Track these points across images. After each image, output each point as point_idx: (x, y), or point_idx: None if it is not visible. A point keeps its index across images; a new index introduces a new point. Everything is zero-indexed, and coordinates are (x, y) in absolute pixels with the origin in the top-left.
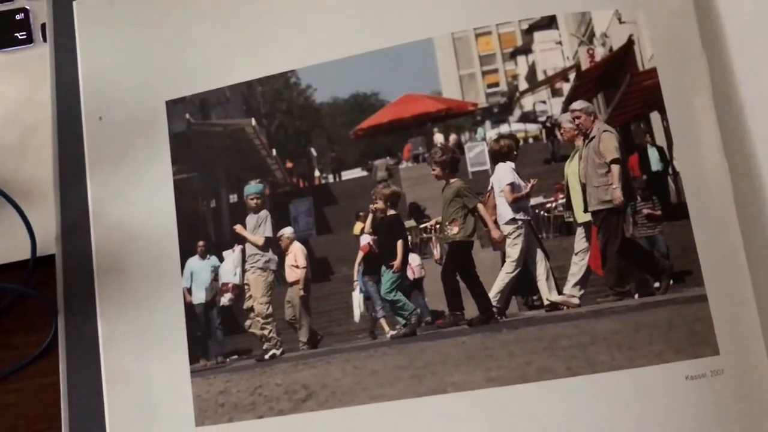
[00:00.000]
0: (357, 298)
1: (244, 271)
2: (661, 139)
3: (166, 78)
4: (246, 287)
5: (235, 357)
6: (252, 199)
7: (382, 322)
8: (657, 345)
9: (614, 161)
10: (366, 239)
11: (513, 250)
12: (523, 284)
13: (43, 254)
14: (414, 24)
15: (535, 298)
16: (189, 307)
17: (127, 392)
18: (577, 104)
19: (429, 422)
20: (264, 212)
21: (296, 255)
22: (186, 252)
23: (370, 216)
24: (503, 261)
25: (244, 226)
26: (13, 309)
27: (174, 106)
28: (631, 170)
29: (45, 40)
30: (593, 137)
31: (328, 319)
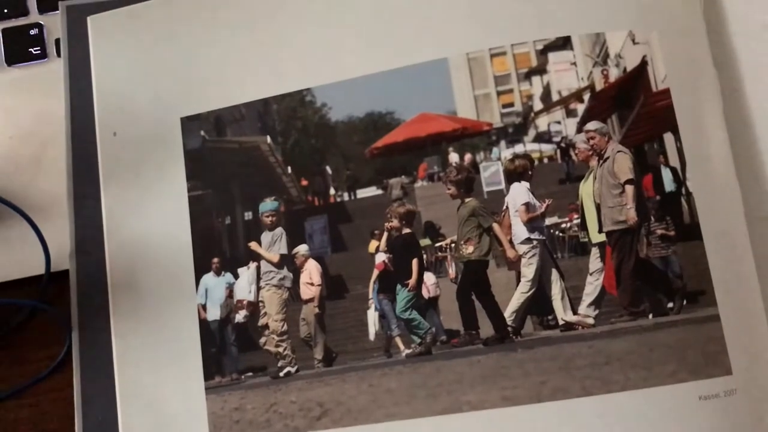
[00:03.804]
0: (372, 316)
1: (258, 288)
2: (674, 160)
3: (181, 95)
4: (261, 304)
5: (250, 374)
6: (267, 216)
7: (398, 340)
8: (670, 365)
9: (628, 182)
10: (381, 257)
11: (528, 270)
12: (538, 304)
13: (57, 269)
14: (429, 44)
15: (550, 317)
16: (203, 324)
17: (141, 408)
18: (592, 125)
19: None
20: (279, 229)
21: (311, 272)
22: (201, 268)
23: (385, 234)
24: (518, 280)
25: (259, 243)
26: (28, 324)
27: (189, 123)
28: (645, 191)
29: (59, 55)
30: (607, 158)
31: (343, 336)
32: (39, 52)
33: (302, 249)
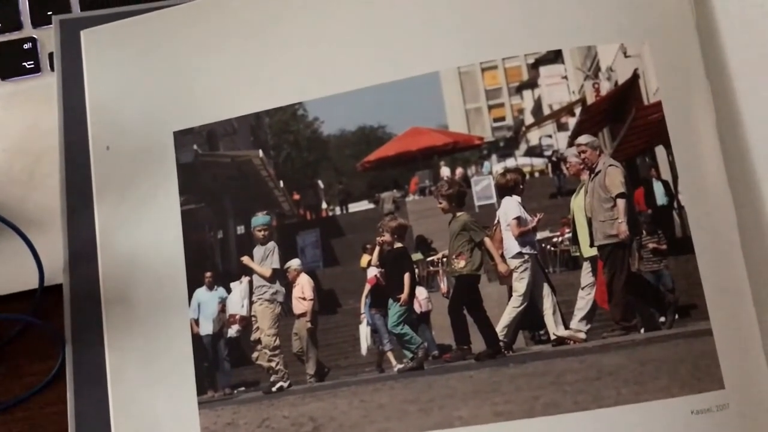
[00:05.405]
0: (364, 331)
1: (251, 302)
2: (666, 173)
3: (174, 109)
4: (253, 319)
5: (243, 389)
6: (259, 230)
7: (389, 355)
8: (663, 379)
9: (620, 195)
10: (373, 272)
11: (520, 285)
12: (530, 319)
13: (50, 284)
14: (421, 58)
15: (541, 332)
16: (196, 338)
17: (134, 422)
18: (583, 138)
19: None
20: (271, 244)
21: (303, 287)
22: (193, 283)
23: (377, 248)
24: (510, 295)
25: (252, 258)
26: (21, 338)
27: (181, 137)
28: (637, 204)
29: (52, 69)
30: (599, 171)
31: (335, 351)
32: (32, 66)
33: (294, 263)
